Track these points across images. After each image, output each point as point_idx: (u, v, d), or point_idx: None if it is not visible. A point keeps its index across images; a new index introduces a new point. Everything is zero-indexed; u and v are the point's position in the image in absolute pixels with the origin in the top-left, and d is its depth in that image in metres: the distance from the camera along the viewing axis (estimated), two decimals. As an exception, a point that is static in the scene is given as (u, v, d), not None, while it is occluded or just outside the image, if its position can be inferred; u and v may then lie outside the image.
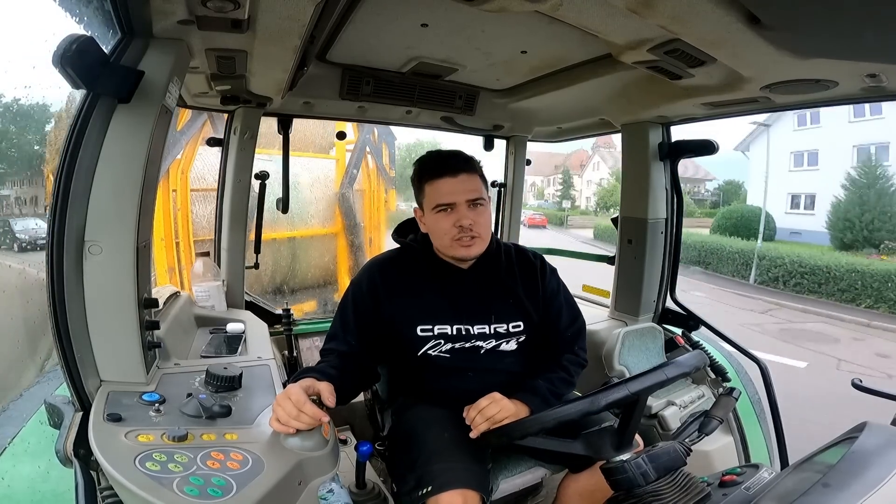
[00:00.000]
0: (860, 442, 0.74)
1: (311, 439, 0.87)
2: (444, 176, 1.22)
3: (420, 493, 1.09)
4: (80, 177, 0.91)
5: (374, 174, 5.43)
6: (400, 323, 1.28)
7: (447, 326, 1.28)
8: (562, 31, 1.24)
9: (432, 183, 1.24)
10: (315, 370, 1.10)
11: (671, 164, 1.94)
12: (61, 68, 0.80)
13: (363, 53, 1.55)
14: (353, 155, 5.08)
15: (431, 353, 1.29)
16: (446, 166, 1.24)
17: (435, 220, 1.24)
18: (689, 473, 0.93)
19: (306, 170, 4.79)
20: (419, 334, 1.28)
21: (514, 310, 1.33)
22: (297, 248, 4.85)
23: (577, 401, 0.96)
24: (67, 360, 0.92)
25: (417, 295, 1.29)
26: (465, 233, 1.21)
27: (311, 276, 4.96)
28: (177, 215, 3.85)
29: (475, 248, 1.25)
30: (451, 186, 1.22)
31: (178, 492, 0.71)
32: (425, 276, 1.31)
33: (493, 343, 1.31)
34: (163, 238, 3.74)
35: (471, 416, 1.15)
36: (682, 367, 0.96)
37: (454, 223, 1.21)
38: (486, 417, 1.12)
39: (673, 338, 1.99)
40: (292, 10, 0.94)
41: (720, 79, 1.32)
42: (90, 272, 0.94)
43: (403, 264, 1.33)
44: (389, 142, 5.75)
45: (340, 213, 5.00)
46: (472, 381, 1.30)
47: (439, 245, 1.28)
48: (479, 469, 1.16)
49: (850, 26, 0.93)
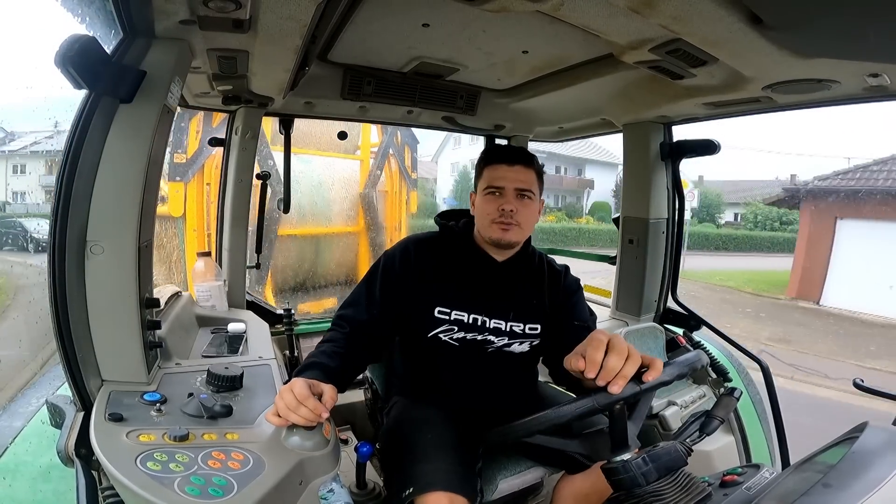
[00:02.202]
0: (861, 442, 0.74)
1: (311, 439, 0.87)
2: (502, 163, 1.28)
3: (403, 494, 1.09)
4: (82, 177, 0.91)
5: (396, 176, 5.50)
6: (422, 301, 1.29)
7: (464, 314, 1.29)
8: (563, 31, 1.24)
9: (490, 167, 1.30)
10: (319, 367, 1.10)
11: (673, 164, 1.94)
12: (63, 68, 0.80)
13: (364, 53, 1.55)
14: (377, 157, 5.18)
15: (442, 336, 1.29)
16: (507, 155, 1.30)
17: (483, 201, 1.29)
18: (689, 473, 0.93)
19: (331, 169, 4.84)
20: (436, 315, 1.29)
21: (534, 311, 1.33)
22: (319, 245, 4.91)
23: (576, 401, 0.95)
24: (69, 360, 0.93)
25: (445, 278, 1.31)
26: (505, 216, 1.25)
27: (332, 274, 5.01)
28: (209, 208, 4.01)
29: (511, 234, 1.27)
30: (505, 173, 1.27)
31: (179, 491, 0.71)
32: (458, 261, 1.33)
33: (506, 341, 1.31)
34: (195, 229, 3.99)
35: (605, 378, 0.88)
36: (680, 367, 0.95)
37: (498, 206, 1.25)
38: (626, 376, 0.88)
39: (674, 338, 1.99)
40: (294, 10, 0.94)
41: (722, 79, 1.31)
42: (92, 272, 0.94)
43: (439, 247, 1.36)
44: (412, 145, 5.84)
45: (363, 212, 5.09)
46: (470, 377, 1.31)
47: (480, 226, 1.30)
48: (464, 470, 1.15)
49: (853, 26, 0.93)
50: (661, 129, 1.89)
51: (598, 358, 0.85)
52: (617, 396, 0.87)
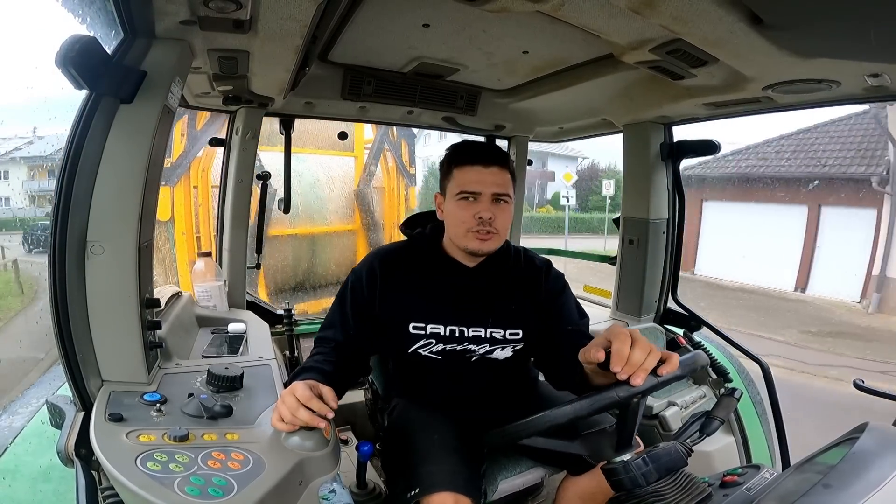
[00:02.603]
0: (861, 443, 0.74)
1: (312, 439, 0.87)
2: (476, 164, 1.19)
3: (408, 495, 1.09)
4: (83, 177, 0.91)
5: (393, 172, 5.38)
6: (394, 318, 1.25)
7: (440, 326, 1.25)
8: (563, 32, 1.24)
9: (462, 168, 1.20)
10: (315, 370, 1.10)
11: (673, 164, 1.94)
12: (64, 69, 0.80)
13: (365, 53, 1.55)
14: (370, 152, 5.08)
15: (422, 352, 1.26)
16: (480, 155, 1.21)
17: (456, 207, 1.20)
18: (690, 474, 0.93)
19: (326, 167, 4.79)
20: (411, 332, 1.25)
21: (514, 316, 1.28)
22: (316, 244, 4.86)
23: (595, 395, 0.94)
24: (69, 360, 0.93)
25: (416, 291, 1.26)
26: (483, 226, 1.17)
27: (331, 273, 4.95)
28: (198, 210, 4.01)
29: (490, 244, 1.20)
30: (480, 176, 1.18)
31: (179, 492, 0.71)
32: (428, 272, 1.28)
33: (487, 348, 1.27)
34: (184, 232, 3.94)
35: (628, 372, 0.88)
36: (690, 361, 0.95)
37: (474, 214, 1.17)
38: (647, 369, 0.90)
39: (675, 338, 1.99)
40: (294, 10, 0.94)
41: (722, 79, 1.31)
42: (92, 272, 0.94)
43: (407, 258, 1.30)
44: (409, 140, 5.65)
45: (359, 210, 5.02)
46: (461, 387, 1.29)
47: (454, 234, 1.23)
48: (468, 471, 1.14)
49: (853, 26, 0.93)
50: (661, 129, 1.89)
51: (626, 351, 0.85)
52: (638, 389, 0.86)
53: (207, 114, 3.63)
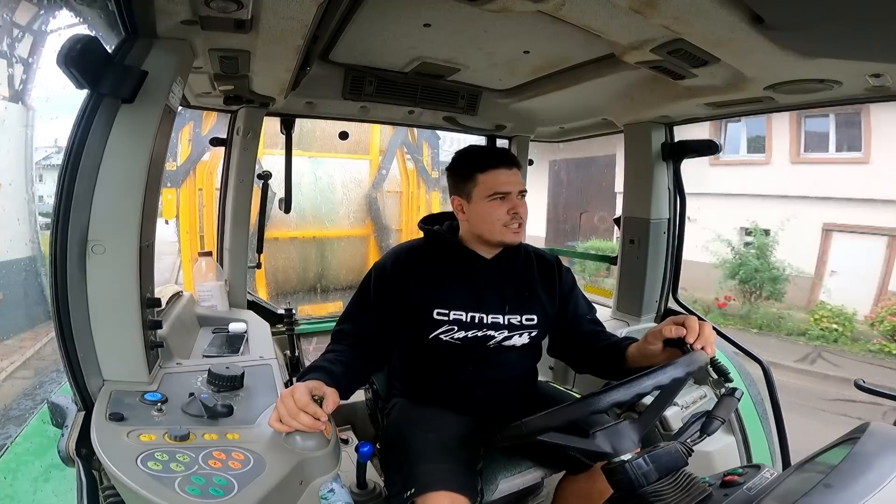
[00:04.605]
0: (862, 443, 0.74)
1: (312, 439, 0.87)
2: (501, 167, 1.28)
3: (405, 494, 1.10)
4: (84, 177, 0.91)
5: (413, 176, 5.23)
6: (418, 307, 1.30)
7: (462, 313, 1.30)
8: (564, 31, 1.23)
9: (489, 172, 1.28)
10: (323, 370, 1.10)
11: (674, 164, 1.94)
12: (65, 68, 0.80)
13: (365, 53, 1.55)
14: (384, 155, 4.98)
15: (443, 337, 1.30)
16: (503, 158, 1.31)
17: (489, 207, 1.28)
18: (690, 474, 0.93)
19: (343, 171, 4.77)
20: (435, 317, 1.29)
21: (529, 302, 1.35)
22: (324, 248, 4.85)
23: (581, 400, 0.95)
24: (70, 360, 0.93)
25: (439, 281, 1.32)
26: (516, 220, 1.28)
27: (341, 278, 4.96)
28: (202, 211, 4.19)
29: (521, 235, 1.32)
30: (508, 177, 1.28)
31: (179, 491, 0.71)
32: (448, 264, 1.34)
33: (505, 334, 1.32)
34: (188, 231, 4.15)
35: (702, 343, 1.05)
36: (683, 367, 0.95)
37: (508, 210, 1.27)
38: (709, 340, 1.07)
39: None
40: (295, 10, 0.94)
41: (723, 79, 1.31)
42: (93, 272, 0.94)
43: (428, 252, 1.37)
44: (432, 142, 5.38)
45: (369, 215, 4.98)
46: (473, 377, 1.32)
47: (487, 231, 1.31)
48: (465, 470, 1.16)
49: (855, 26, 0.93)
50: (662, 129, 1.88)
51: (697, 327, 1.03)
52: (708, 359, 1.02)
53: (214, 118, 3.68)
